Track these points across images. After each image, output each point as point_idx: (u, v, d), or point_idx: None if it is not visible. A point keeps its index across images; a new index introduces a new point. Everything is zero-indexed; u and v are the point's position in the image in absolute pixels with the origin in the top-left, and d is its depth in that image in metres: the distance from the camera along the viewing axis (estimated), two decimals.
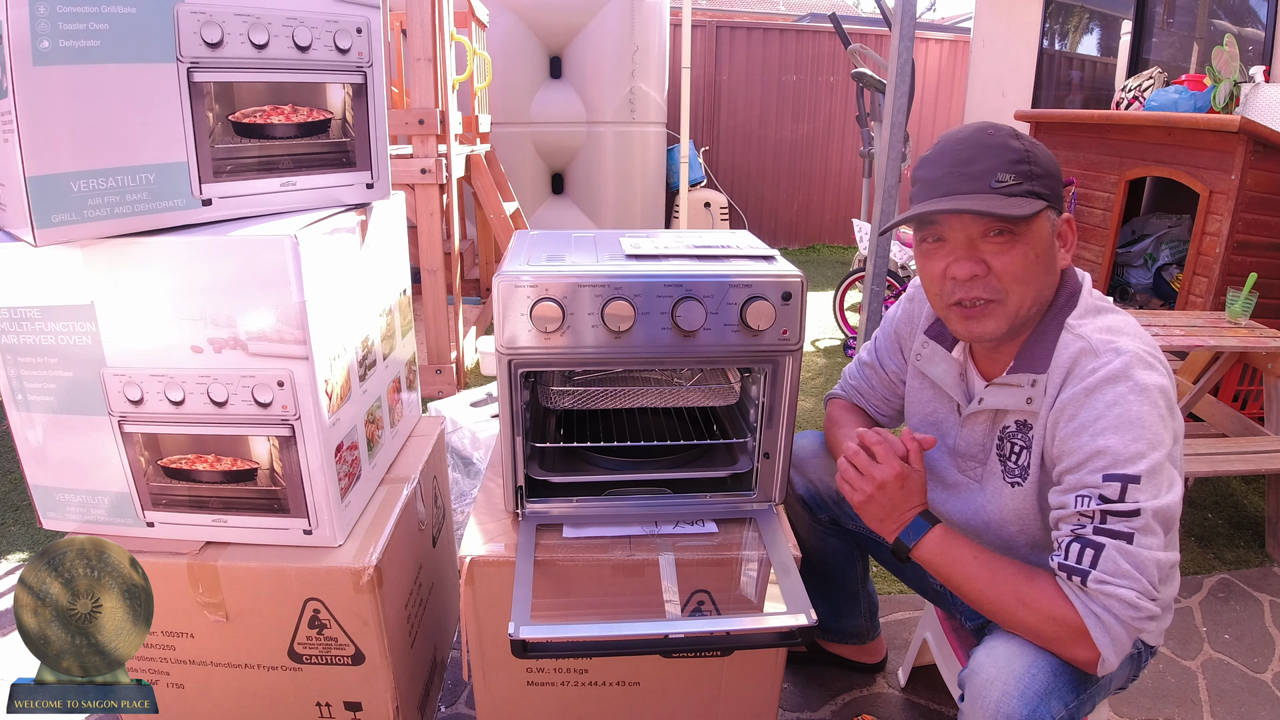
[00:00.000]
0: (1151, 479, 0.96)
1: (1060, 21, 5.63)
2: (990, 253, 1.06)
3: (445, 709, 1.64)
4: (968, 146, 1.06)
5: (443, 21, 3.10)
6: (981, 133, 1.07)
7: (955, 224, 1.07)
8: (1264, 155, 2.72)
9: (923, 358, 1.28)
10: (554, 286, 1.15)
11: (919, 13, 3.09)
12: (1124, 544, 0.95)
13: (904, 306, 1.37)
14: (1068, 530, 1.00)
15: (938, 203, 1.05)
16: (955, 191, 1.05)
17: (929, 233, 1.11)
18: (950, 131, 1.11)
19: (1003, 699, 0.98)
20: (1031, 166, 1.04)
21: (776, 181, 7.20)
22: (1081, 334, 1.06)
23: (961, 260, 1.07)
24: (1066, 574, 0.98)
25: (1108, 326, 1.07)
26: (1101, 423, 0.99)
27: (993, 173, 1.03)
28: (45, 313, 1.12)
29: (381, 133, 1.32)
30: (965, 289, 1.08)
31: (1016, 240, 1.05)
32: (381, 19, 1.27)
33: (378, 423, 1.43)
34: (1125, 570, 0.95)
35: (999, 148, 1.04)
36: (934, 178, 1.08)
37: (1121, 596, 0.94)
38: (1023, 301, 1.07)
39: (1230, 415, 2.51)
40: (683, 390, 1.47)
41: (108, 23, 0.96)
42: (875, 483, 1.13)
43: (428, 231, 3.17)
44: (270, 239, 1.08)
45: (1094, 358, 1.03)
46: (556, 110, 5.46)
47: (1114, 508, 0.96)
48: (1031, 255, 1.05)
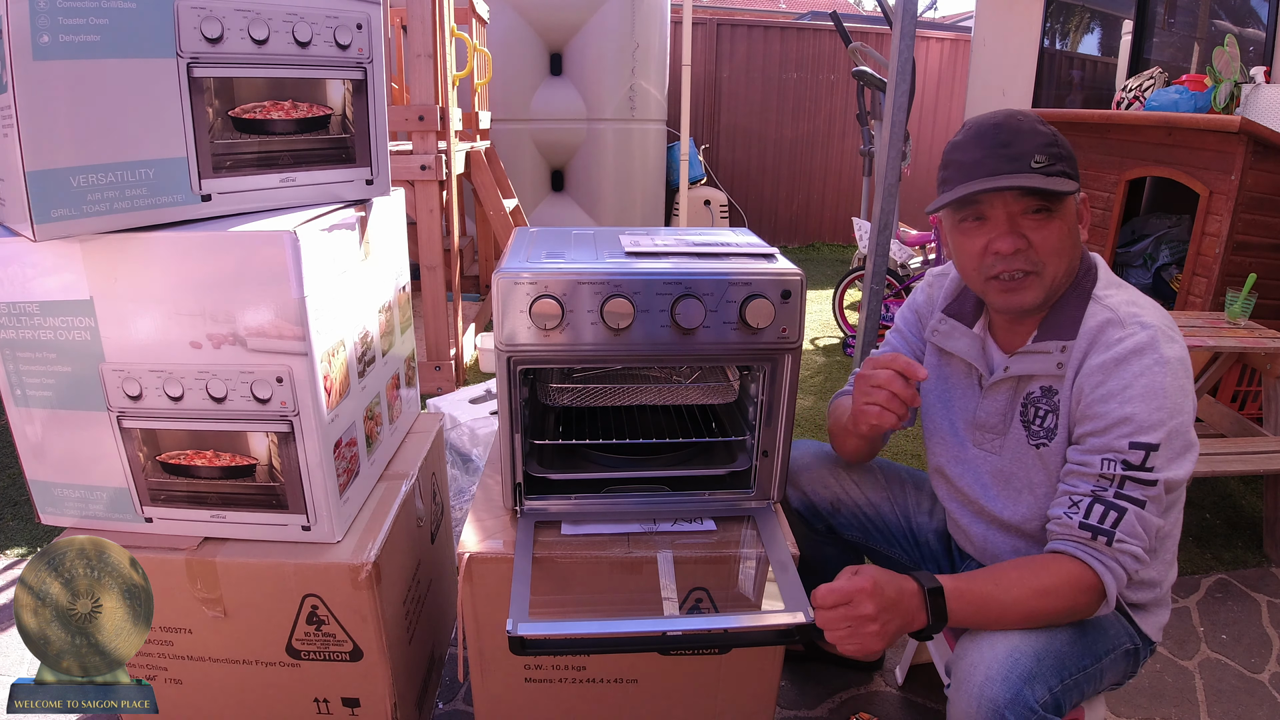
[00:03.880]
0: (1169, 445, 1.06)
1: (1061, 21, 5.63)
2: (1029, 228, 1.13)
3: (443, 705, 1.64)
4: (1004, 130, 1.12)
5: (443, 18, 3.10)
6: (1012, 118, 1.14)
7: (997, 202, 1.13)
8: (1264, 156, 2.72)
9: (940, 333, 1.32)
10: (553, 284, 1.15)
11: (920, 11, 3.08)
12: (1139, 509, 1.06)
13: (924, 291, 1.41)
14: (1086, 489, 1.08)
15: (985, 182, 1.11)
16: (998, 172, 1.11)
17: (970, 212, 1.16)
18: (978, 117, 1.17)
19: (986, 683, 1.02)
20: (1059, 149, 1.12)
21: (776, 179, 7.20)
22: (1109, 305, 1.14)
23: (1004, 235, 1.13)
24: (1091, 533, 1.07)
25: (1131, 300, 1.15)
26: (1129, 391, 1.07)
27: (1030, 154, 1.10)
28: (44, 308, 1.12)
29: (381, 129, 1.31)
30: (1006, 262, 1.14)
31: (1053, 216, 1.12)
32: (382, 15, 1.27)
33: (376, 419, 1.43)
34: (1138, 532, 1.06)
35: (1031, 131, 1.12)
36: (973, 160, 1.13)
37: (1133, 553, 1.06)
38: (1057, 273, 1.14)
39: (1229, 416, 2.51)
40: (682, 388, 1.47)
41: (108, 17, 0.96)
42: (869, 615, 1.01)
43: (427, 228, 3.17)
44: (270, 235, 1.07)
45: (1120, 328, 1.11)
46: (557, 107, 5.45)
47: (1135, 474, 1.06)
48: (1065, 230, 1.13)
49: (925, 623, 1.05)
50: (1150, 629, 1.20)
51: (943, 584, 1.06)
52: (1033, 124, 1.12)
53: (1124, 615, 1.20)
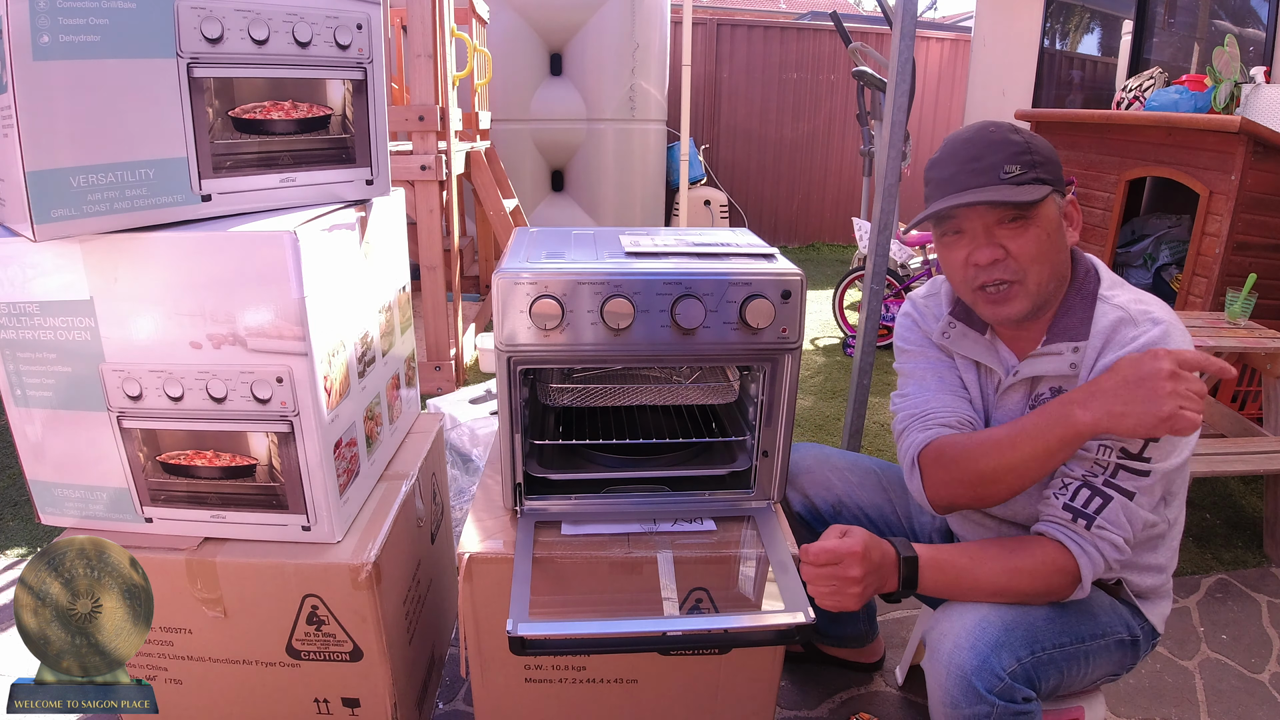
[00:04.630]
0: (1169, 438, 1.06)
1: (1061, 21, 5.63)
2: (1006, 237, 1.14)
3: (443, 705, 1.64)
4: (974, 145, 1.14)
5: (443, 18, 3.10)
6: (984, 131, 1.15)
7: (972, 215, 1.15)
8: (1264, 156, 2.72)
9: (951, 336, 1.30)
10: (553, 284, 1.15)
11: (920, 11, 3.08)
12: (1126, 500, 1.07)
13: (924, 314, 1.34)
14: (1079, 473, 1.10)
15: (955, 198, 1.13)
16: (968, 186, 1.13)
17: (948, 227, 1.18)
18: (954, 133, 1.19)
19: (954, 651, 1.06)
20: (1033, 156, 1.12)
21: (776, 180, 7.20)
22: (1119, 304, 1.14)
23: (981, 247, 1.15)
24: (1071, 515, 1.09)
25: (1138, 298, 1.15)
26: None
27: (1000, 166, 1.11)
28: (44, 308, 1.12)
29: (381, 129, 1.31)
30: (987, 273, 1.15)
31: (1029, 224, 1.13)
32: (382, 15, 1.27)
33: (376, 419, 1.43)
34: (1121, 522, 1.07)
35: (1002, 143, 1.13)
36: (946, 176, 1.15)
37: (1113, 541, 1.08)
38: (1041, 279, 1.14)
39: (1229, 416, 2.51)
40: (682, 388, 1.47)
41: (108, 17, 0.96)
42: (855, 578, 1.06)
43: (427, 228, 3.17)
44: (270, 235, 1.07)
45: (1133, 326, 1.11)
46: (557, 107, 5.45)
47: (1129, 463, 1.07)
48: (1044, 236, 1.13)
49: (895, 588, 1.11)
50: (1154, 618, 1.21)
51: (919, 553, 1.11)
52: (1005, 134, 1.13)
53: (1127, 604, 1.20)
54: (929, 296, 1.36)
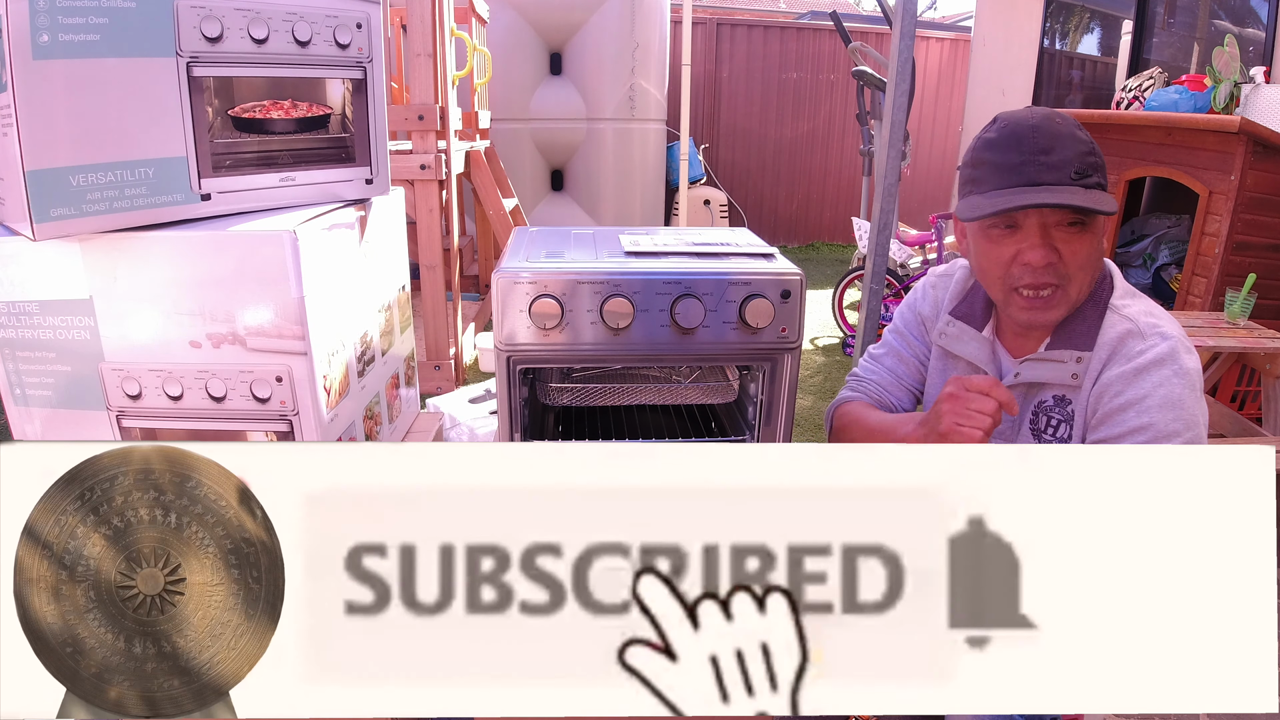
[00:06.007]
0: None
1: (1061, 21, 5.63)
2: (1061, 240, 1.08)
3: None
4: (1042, 134, 1.07)
5: (443, 17, 3.10)
6: (1050, 120, 1.09)
7: (1032, 212, 1.08)
8: (1264, 156, 2.72)
9: (948, 336, 1.28)
10: (553, 283, 1.15)
11: (920, 11, 3.09)
12: None
13: (927, 292, 1.35)
14: None
15: (1028, 194, 1.06)
16: (1039, 181, 1.06)
17: (1001, 219, 1.11)
18: (1012, 114, 1.12)
19: None
20: (1096, 158, 1.08)
21: (776, 179, 7.20)
22: (1128, 315, 1.12)
23: (1037, 247, 1.09)
24: None
25: (1148, 310, 1.13)
26: (1148, 401, 1.05)
27: (1070, 164, 1.06)
28: (43, 307, 1.12)
29: (381, 128, 1.31)
30: (1035, 275, 1.10)
31: (1086, 230, 1.09)
32: (382, 14, 1.27)
33: (376, 418, 1.43)
34: None
35: (1069, 138, 1.07)
36: (1011, 164, 1.08)
37: None
38: (1081, 287, 1.12)
39: (1229, 416, 2.51)
40: (681, 388, 1.47)
41: (107, 17, 0.96)
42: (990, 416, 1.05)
43: (427, 227, 3.17)
44: (269, 234, 1.07)
45: (1141, 340, 1.09)
46: (556, 107, 5.45)
47: None
48: (1095, 244, 1.10)
49: None
50: None
51: None
52: (1071, 129, 1.08)
53: None
54: (942, 276, 1.34)
